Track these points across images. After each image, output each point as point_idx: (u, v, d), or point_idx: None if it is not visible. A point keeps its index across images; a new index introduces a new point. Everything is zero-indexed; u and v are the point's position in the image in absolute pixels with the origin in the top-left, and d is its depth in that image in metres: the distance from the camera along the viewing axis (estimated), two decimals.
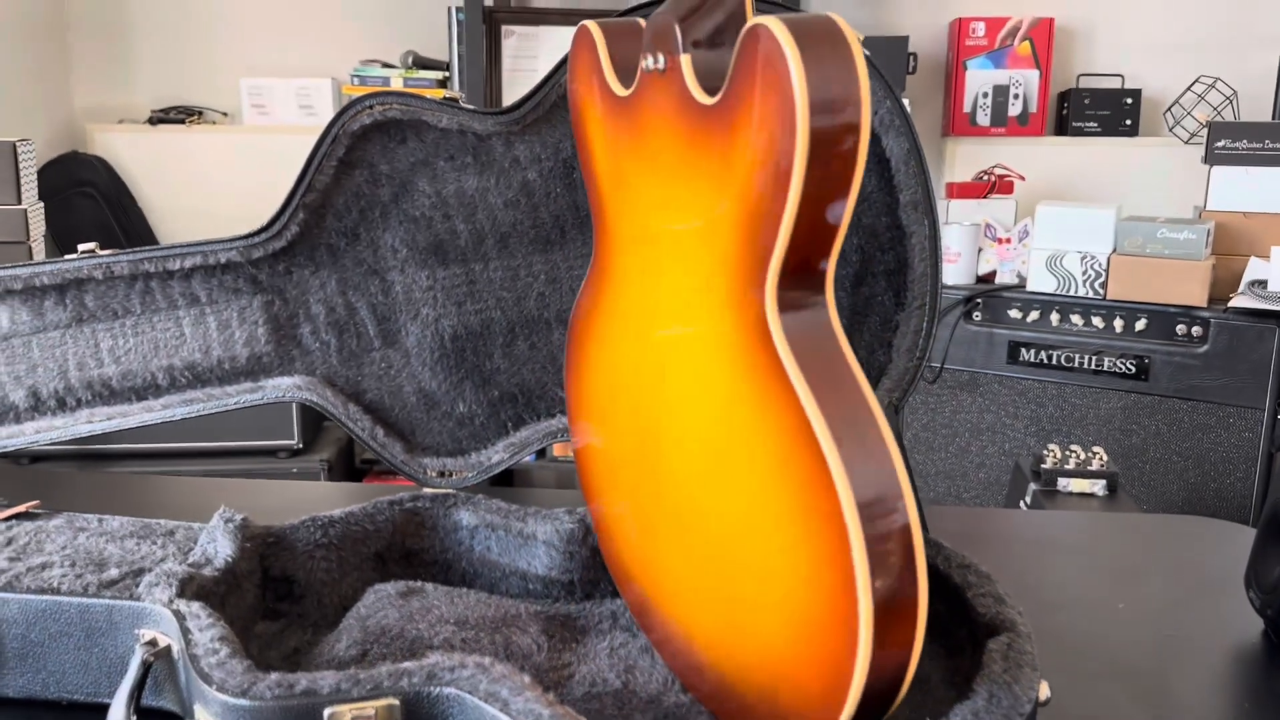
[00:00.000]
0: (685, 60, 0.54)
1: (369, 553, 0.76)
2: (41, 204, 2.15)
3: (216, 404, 0.80)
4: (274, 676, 0.54)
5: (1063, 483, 1.80)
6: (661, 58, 0.55)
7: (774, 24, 0.46)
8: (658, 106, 0.57)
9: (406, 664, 0.55)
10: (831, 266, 0.51)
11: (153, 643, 0.60)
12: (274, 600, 0.73)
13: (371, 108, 0.77)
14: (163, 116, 2.81)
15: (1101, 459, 1.83)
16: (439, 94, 0.78)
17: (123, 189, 2.81)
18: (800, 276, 0.51)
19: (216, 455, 2.23)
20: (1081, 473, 1.80)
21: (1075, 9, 2.80)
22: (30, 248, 2.05)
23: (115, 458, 2.21)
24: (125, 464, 2.21)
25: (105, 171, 2.78)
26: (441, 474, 0.81)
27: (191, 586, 0.64)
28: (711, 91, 0.52)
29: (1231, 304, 2.13)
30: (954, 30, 2.80)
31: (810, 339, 0.51)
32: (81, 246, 0.79)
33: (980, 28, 2.76)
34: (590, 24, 0.63)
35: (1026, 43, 2.74)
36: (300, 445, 2.27)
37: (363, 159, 0.79)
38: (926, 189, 0.76)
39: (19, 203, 2.04)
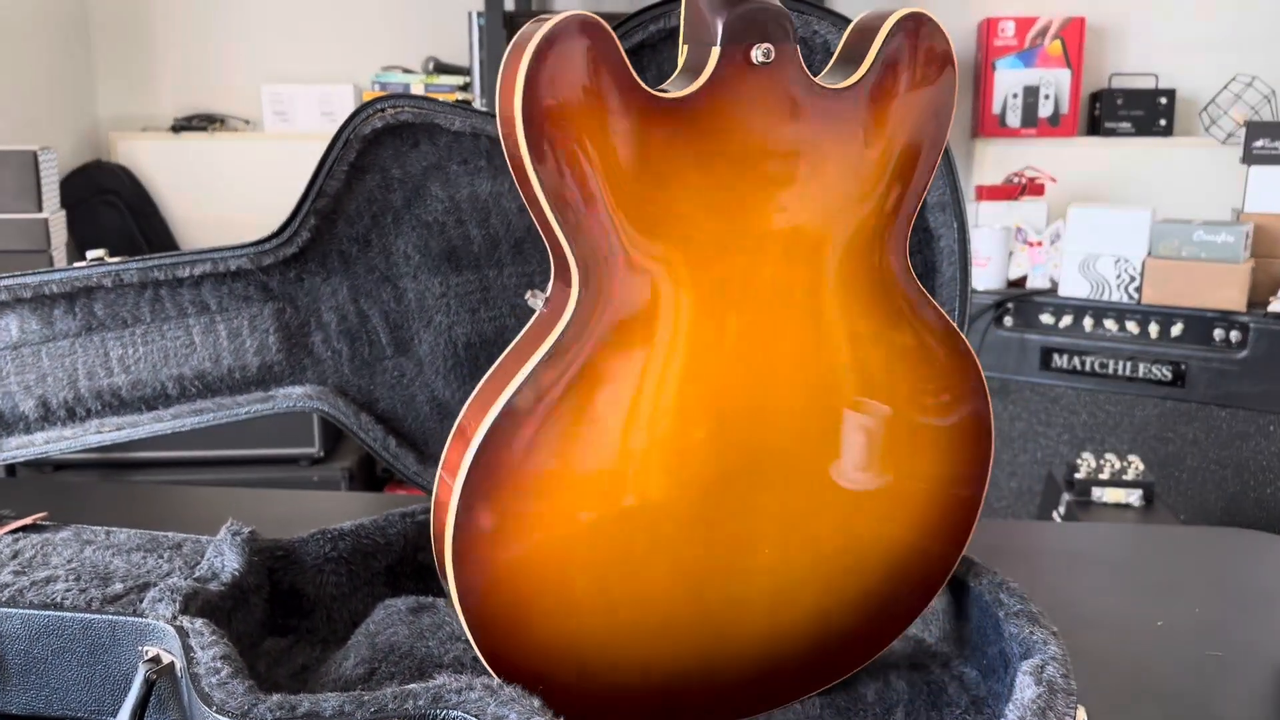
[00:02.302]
0: (798, 49, 0.55)
1: (380, 567, 0.74)
2: (63, 212, 2.15)
3: (227, 414, 0.79)
4: (275, 698, 0.52)
5: (1097, 493, 1.76)
6: (770, 49, 0.54)
7: (929, 15, 0.59)
8: (759, 99, 0.54)
9: (412, 686, 0.53)
10: None
11: (156, 660, 0.59)
12: (282, 616, 0.72)
13: (383, 111, 0.75)
14: (185, 124, 2.83)
15: (1137, 468, 1.79)
16: (453, 98, 0.76)
17: (146, 197, 2.83)
18: None
19: (237, 464, 2.23)
20: (1116, 482, 1.76)
21: (1107, 7, 2.75)
22: (51, 256, 2.05)
23: (136, 466, 2.22)
24: (146, 472, 2.22)
25: (128, 180, 2.80)
26: None
27: (196, 602, 0.62)
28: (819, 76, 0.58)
29: (1271, 308, 2.08)
30: (983, 30, 2.76)
31: None
32: (90, 254, 0.78)
33: (1010, 27, 2.72)
34: (595, 17, 0.52)
35: (1057, 42, 2.70)
36: (321, 454, 2.27)
37: (374, 163, 0.77)
38: (955, 190, 0.74)
39: (40, 211, 2.05)
